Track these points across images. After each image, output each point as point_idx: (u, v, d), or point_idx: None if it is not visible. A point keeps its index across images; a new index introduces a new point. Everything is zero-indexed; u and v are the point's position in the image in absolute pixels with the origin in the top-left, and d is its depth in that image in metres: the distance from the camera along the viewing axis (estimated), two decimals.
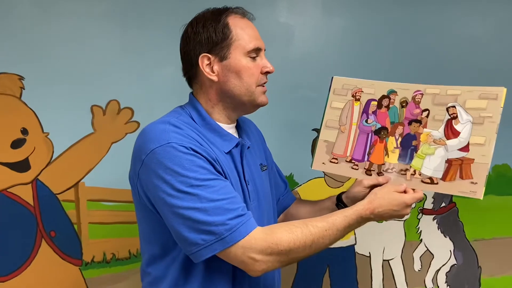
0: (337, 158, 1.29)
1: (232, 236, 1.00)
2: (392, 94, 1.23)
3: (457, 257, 2.03)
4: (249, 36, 1.14)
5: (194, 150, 1.04)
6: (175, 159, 1.01)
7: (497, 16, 2.00)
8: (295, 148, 1.95)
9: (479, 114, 1.10)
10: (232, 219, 1.01)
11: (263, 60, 1.17)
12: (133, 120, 1.84)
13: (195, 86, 1.20)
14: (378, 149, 1.23)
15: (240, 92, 1.14)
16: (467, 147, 1.11)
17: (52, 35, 1.78)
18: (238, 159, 1.17)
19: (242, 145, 1.18)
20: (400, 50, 1.95)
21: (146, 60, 1.84)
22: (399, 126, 1.21)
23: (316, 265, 2.01)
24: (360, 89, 1.28)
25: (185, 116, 1.15)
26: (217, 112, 1.17)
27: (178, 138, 1.05)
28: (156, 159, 1.03)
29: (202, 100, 1.18)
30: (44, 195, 1.80)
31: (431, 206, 2.01)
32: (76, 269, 1.85)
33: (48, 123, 1.80)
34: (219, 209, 1.00)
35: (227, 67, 1.13)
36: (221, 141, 1.14)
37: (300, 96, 1.94)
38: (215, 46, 1.12)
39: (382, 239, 2.01)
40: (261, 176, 1.26)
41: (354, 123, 1.27)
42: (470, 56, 1.96)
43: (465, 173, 1.11)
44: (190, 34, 1.16)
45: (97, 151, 1.83)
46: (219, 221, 1.00)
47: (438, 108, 1.16)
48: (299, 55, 1.94)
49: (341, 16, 1.97)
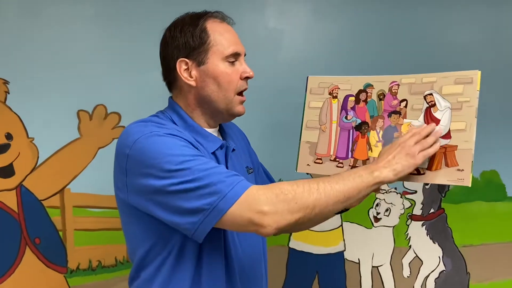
0: (321, 158, 1.27)
1: (233, 192, 0.96)
2: (369, 88, 1.22)
3: (446, 263, 2.03)
4: (228, 40, 1.13)
5: (179, 136, 1.04)
6: (158, 143, 1.01)
7: (488, 22, 2.02)
8: (284, 153, 1.93)
9: (457, 99, 1.09)
10: (227, 177, 0.98)
11: (242, 65, 1.15)
12: (120, 125, 1.83)
13: (174, 91, 1.19)
14: (361, 144, 1.21)
15: (217, 98, 1.13)
16: (449, 134, 1.10)
17: (38, 39, 1.76)
18: (223, 161, 1.16)
19: (227, 147, 1.17)
20: (390, 55, 1.96)
21: (134, 64, 1.83)
22: (379, 119, 1.20)
23: (305, 271, 2.01)
24: (337, 86, 1.26)
25: (166, 120, 1.14)
26: (196, 116, 1.16)
27: (161, 130, 1.04)
28: (140, 148, 1.02)
29: (182, 104, 1.17)
30: (28, 201, 1.78)
31: (420, 212, 2.02)
32: (61, 277, 1.82)
33: (33, 128, 1.78)
34: (212, 174, 0.98)
35: (204, 72, 1.12)
36: (205, 142, 1.13)
37: (289, 101, 1.93)
38: (193, 51, 1.11)
39: (371, 245, 2.01)
40: (248, 179, 1.24)
41: (334, 121, 1.26)
42: (461, 60, 1.97)
43: (450, 161, 1.09)
44: (168, 38, 1.15)
45: (84, 157, 1.81)
46: (216, 180, 0.97)
47: (416, 97, 1.14)
48: (288, 60, 1.94)
49: (330, 21, 1.98)
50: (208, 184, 0.97)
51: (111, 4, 1.81)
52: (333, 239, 2.00)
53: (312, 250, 2.00)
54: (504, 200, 2.03)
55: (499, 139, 1.96)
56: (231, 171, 1.02)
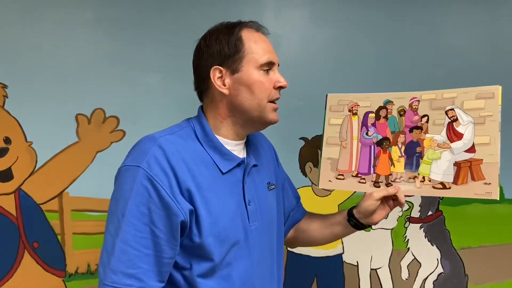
0: (343, 174, 1.28)
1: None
2: (389, 104, 1.24)
3: (444, 265, 2.04)
4: (263, 49, 1.12)
5: (155, 185, 1.01)
6: (129, 184, 1.01)
7: (485, 24, 2.03)
8: (282, 156, 1.93)
9: (479, 114, 1.11)
10: (126, 276, 0.99)
11: (276, 75, 1.15)
12: (119, 129, 1.83)
13: (205, 100, 1.16)
14: (383, 160, 1.23)
15: (250, 106, 1.11)
16: (473, 148, 1.11)
17: (36, 43, 1.76)
18: (240, 178, 1.13)
19: (246, 164, 1.15)
20: (387, 59, 1.97)
21: (132, 68, 1.83)
22: (401, 135, 1.21)
23: (304, 274, 2.01)
24: (356, 103, 1.28)
25: (188, 131, 1.12)
26: (225, 127, 1.14)
27: (150, 165, 1.02)
28: (119, 175, 1.05)
29: (211, 114, 1.14)
30: (27, 205, 1.78)
31: (418, 215, 2.02)
32: (59, 281, 1.82)
33: (32, 132, 1.78)
34: (125, 255, 0.99)
35: (238, 80, 1.10)
36: (221, 160, 1.11)
37: (287, 105, 1.93)
38: (227, 59, 1.10)
39: (370, 248, 2.01)
40: (268, 196, 1.21)
41: (355, 137, 1.27)
42: (457, 63, 1.98)
43: (476, 174, 1.10)
44: (203, 47, 1.13)
45: (82, 161, 1.81)
46: (114, 267, 0.99)
47: (437, 113, 1.16)
48: (286, 64, 1.92)
49: (327, 26, 1.98)
50: (109, 260, 1.00)
51: (109, 8, 1.81)
52: (332, 242, 2.00)
53: (311, 253, 2.00)
54: (502, 203, 2.04)
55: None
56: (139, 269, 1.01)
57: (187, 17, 1.22)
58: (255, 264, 1.13)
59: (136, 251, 0.99)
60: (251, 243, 1.11)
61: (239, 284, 1.09)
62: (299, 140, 1.96)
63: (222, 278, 1.07)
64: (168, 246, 1.02)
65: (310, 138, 1.95)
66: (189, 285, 1.06)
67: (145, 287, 1.00)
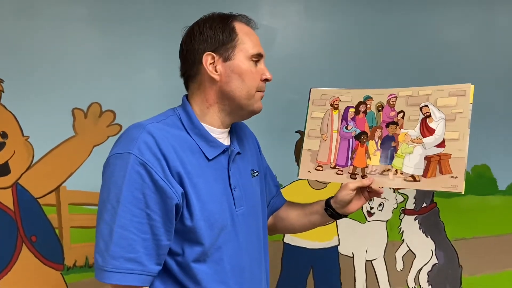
0: (322, 165, 1.33)
1: (109, 275, 1.01)
2: (368, 100, 1.28)
3: (438, 256, 2.06)
4: (253, 41, 1.17)
5: (150, 168, 1.03)
6: (121, 171, 1.02)
7: (480, 20, 2.04)
8: (278, 150, 1.96)
9: (451, 111, 1.15)
10: (127, 261, 1.01)
11: (263, 67, 1.19)
12: (115, 123, 1.83)
13: (192, 86, 1.18)
14: (360, 153, 1.27)
15: (240, 94, 1.15)
16: (443, 143, 1.16)
17: (33, 38, 1.76)
18: (225, 165, 1.17)
19: (231, 151, 1.18)
20: (382, 52, 1.97)
21: (128, 62, 1.83)
22: (378, 129, 1.26)
23: (300, 266, 2.02)
24: (338, 98, 1.33)
25: (173, 119, 1.15)
26: (211, 114, 1.16)
27: (141, 151, 1.03)
28: (107, 167, 1.06)
29: (198, 101, 1.17)
30: (24, 199, 1.78)
31: (413, 207, 2.04)
32: (58, 274, 1.83)
33: (28, 127, 1.77)
34: (124, 240, 1.01)
35: (230, 68, 1.14)
36: (207, 147, 1.14)
37: (282, 98, 1.95)
38: (221, 46, 1.13)
39: (365, 239, 2.03)
40: (252, 182, 1.25)
41: (335, 130, 1.32)
42: (452, 58, 1.99)
43: (444, 168, 1.14)
44: (196, 32, 1.16)
45: (79, 155, 1.81)
46: (113, 253, 1.01)
47: (412, 109, 1.21)
48: (281, 57, 1.95)
49: (323, 19, 1.99)
50: (107, 247, 1.01)
51: (106, 4, 1.81)
52: (327, 234, 2.02)
53: (307, 244, 2.02)
54: (496, 194, 2.06)
55: (490, 133, 1.99)
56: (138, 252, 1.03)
57: (183, 12, 1.22)
58: (243, 248, 1.16)
59: (134, 236, 1.01)
60: (238, 228, 1.15)
61: (230, 267, 1.12)
62: (295, 133, 1.97)
63: (214, 262, 1.10)
64: (164, 229, 1.04)
65: None
66: (183, 270, 1.09)
67: (146, 270, 1.03)
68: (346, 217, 1.32)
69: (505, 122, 2.02)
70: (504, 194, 2.07)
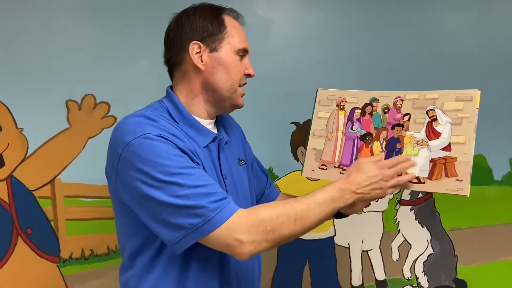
0: (326, 164, 1.34)
1: (218, 217, 0.99)
2: (374, 102, 1.29)
3: (434, 246, 2.07)
4: (240, 36, 1.18)
5: (170, 141, 1.04)
6: (151, 149, 1.01)
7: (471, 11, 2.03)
8: (274, 141, 1.96)
9: (457, 115, 1.16)
10: (215, 202, 1.00)
11: (247, 62, 1.20)
12: (110, 115, 1.82)
13: (177, 74, 1.19)
14: (364, 153, 1.28)
15: (224, 86, 1.15)
16: (449, 147, 1.16)
17: (25, 29, 1.74)
18: (215, 153, 1.18)
19: (220, 140, 1.18)
20: (378, 43, 1.96)
21: (122, 53, 1.82)
22: (383, 131, 1.27)
23: (296, 257, 2.03)
24: (344, 99, 1.34)
25: (162, 111, 1.15)
26: (197, 104, 1.17)
27: (153, 130, 1.04)
28: (133, 151, 1.02)
29: (183, 91, 1.17)
30: (19, 192, 1.78)
31: (409, 197, 2.04)
32: (54, 266, 1.83)
33: (22, 119, 1.77)
34: (201, 194, 1.00)
35: (216, 59, 1.14)
36: (198, 136, 1.14)
37: (279, 90, 1.94)
38: (209, 36, 1.14)
39: (361, 230, 2.03)
40: (239, 171, 1.26)
41: (340, 131, 1.33)
42: (446, 49, 1.98)
43: (450, 171, 1.15)
44: (185, 20, 1.16)
45: (73, 147, 1.81)
46: (202, 204, 0.99)
47: (418, 112, 1.22)
48: (278, 48, 1.94)
49: (319, 10, 1.97)
50: (195, 206, 0.99)
51: None
52: (323, 225, 1.98)
53: (303, 236, 2.01)
54: (491, 184, 2.06)
55: (486, 124, 1.98)
56: (217, 193, 1.02)
57: (175, 2, 1.21)
58: None
59: (205, 187, 1.01)
60: None
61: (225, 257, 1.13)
62: (291, 124, 1.97)
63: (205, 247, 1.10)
64: None
65: (301, 123, 1.96)
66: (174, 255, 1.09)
67: (227, 197, 1.04)
68: (347, 217, 1.33)
69: (501, 113, 2.01)
70: (500, 185, 2.07)
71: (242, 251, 1.01)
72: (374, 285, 2.06)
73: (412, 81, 1.82)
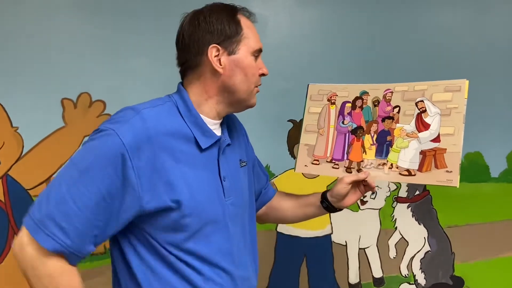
0: (318, 159, 1.34)
1: (35, 228, 0.99)
2: (365, 95, 1.30)
3: (431, 244, 2.07)
4: (255, 37, 1.17)
5: (125, 158, 1.00)
6: (102, 147, 1.00)
7: (468, 6, 2.03)
8: (271, 138, 1.95)
9: (446, 106, 1.17)
10: (60, 222, 0.98)
11: (261, 62, 1.20)
12: (105, 113, 1.82)
13: (191, 76, 1.16)
14: (356, 147, 1.29)
15: (241, 88, 1.15)
16: (438, 138, 1.17)
17: (20, 27, 1.74)
18: (215, 155, 1.16)
19: (221, 142, 1.18)
20: (373, 39, 1.96)
21: (118, 51, 1.81)
22: (374, 124, 1.27)
23: (293, 255, 2.03)
24: (335, 93, 1.34)
25: (170, 105, 1.13)
26: (209, 105, 1.16)
27: (127, 135, 1.01)
28: (96, 134, 1.03)
29: (196, 91, 1.15)
30: (15, 190, 1.77)
31: (406, 195, 2.04)
32: None
33: (17, 117, 1.76)
34: (65, 207, 0.98)
35: (234, 62, 1.13)
36: (201, 136, 1.13)
37: (275, 87, 1.94)
38: (227, 39, 1.12)
39: (358, 228, 2.03)
40: (240, 172, 1.25)
41: (332, 125, 1.34)
42: (443, 46, 1.98)
43: (440, 163, 1.16)
44: (201, 22, 1.13)
45: (69, 145, 1.80)
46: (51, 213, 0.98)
47: (408, 104, 1.22)
48: (273, 45, 1.93)
49: (314, 7, 1.97)
50: (48, 204, 0.99)
51: None
52: (320, 223, 2.02)
53: (300, 233, 2.02)
54: (488, 181, 2.06)
55: (483, 121, 1.99)
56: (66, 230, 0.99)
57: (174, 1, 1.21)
58: (232, 236, 1.16)
59: (77, 210, 0.98)
60: (227, 217, 1.14)
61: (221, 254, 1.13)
62: (287, 122, 1.96)
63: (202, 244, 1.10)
64: (112, 219, 1.01)
65: (298, 121, 1.96)
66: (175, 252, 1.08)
67: (66, 245, 0.99)
68: (341, 210, 1.33)
69: (498, 110, 2.01)
70: (497, 182, 2.07)
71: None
72: (371, 283, 2.07)
73: (408, 77, 1.80)
